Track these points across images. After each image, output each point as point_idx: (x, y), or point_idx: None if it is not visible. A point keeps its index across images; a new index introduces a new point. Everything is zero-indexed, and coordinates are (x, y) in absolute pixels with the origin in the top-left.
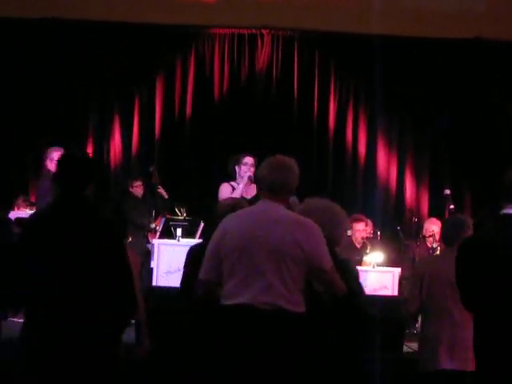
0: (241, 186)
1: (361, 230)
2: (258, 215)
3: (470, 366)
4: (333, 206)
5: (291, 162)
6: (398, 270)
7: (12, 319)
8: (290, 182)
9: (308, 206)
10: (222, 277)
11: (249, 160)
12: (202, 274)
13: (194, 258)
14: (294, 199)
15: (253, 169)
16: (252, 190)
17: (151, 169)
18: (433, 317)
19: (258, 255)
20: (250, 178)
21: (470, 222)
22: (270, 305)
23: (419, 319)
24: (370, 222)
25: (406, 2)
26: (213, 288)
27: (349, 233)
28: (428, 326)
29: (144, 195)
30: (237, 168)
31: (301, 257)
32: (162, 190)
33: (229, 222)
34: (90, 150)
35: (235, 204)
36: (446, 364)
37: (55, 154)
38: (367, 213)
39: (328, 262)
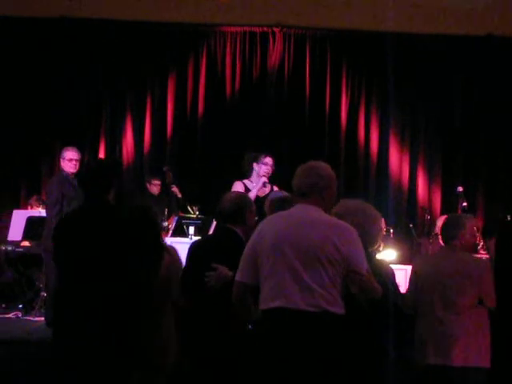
0: (254, 190)
1: None
2: (293, 218)
3: (455, 361)
4: (367, 206)
5: (320, 166)
6: (410, 268)
7: (25, 317)
8: (319, 185)
9: (343, 207)
10: (257, 279)
11: (269, 160)
12: (237, 276)
13: (193, 254)
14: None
15: (271, 170)
16: (264, 189)
17: (165, 168)
18: (422, 313)
19: (293, 258)
20: (264, 183)
21: (467, 220)
22: (314, 306)
23: None
24: (382, 220)
25: None
26: (248, 290)
27: None
28: (418, 322)
29: (160, 193)
30: (255, 166)
31: (338, 259)
32: (176, 190)
33: (265, 225)
34: (102, 148)
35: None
36: (432, 359)
37: (67, 154)
38: (380, 210)
39: (364, 265)
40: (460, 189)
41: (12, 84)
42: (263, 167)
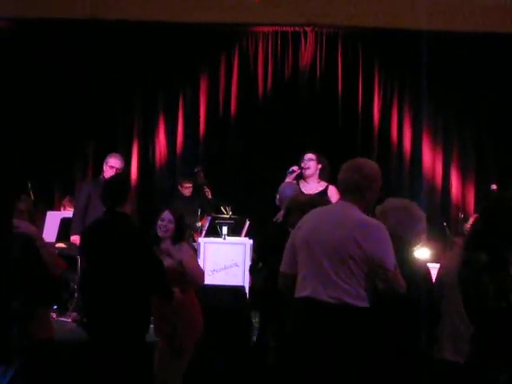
0: (286, 179)
1: None
2: (326, 215)
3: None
4: (411, 205)
5: (364, 164)
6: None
7: (60, 319)
8: (360, 184)
9: (387, 205)
10: (297, 269)
11: (305, 156)
12: (281, 267)
13: None
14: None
15: (309, 163)
16: (316, 187)
17: (197, 169)
18: (445, 310)
19: (319, 252)
20: (291, 170)
21: None
22: (334, 299)
23: None
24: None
25: None
26: (291, 280)
27: None
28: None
29: (192, 195)
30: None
31: (360, 255)
32: (208, 190)
33: (304, 220)
34: (135, 150)
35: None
36: (450, 355)
37: (110, 160)
38: None
39: (389, 261)
40: (494, 186)
41: (44, 86)
42: (301, 164)
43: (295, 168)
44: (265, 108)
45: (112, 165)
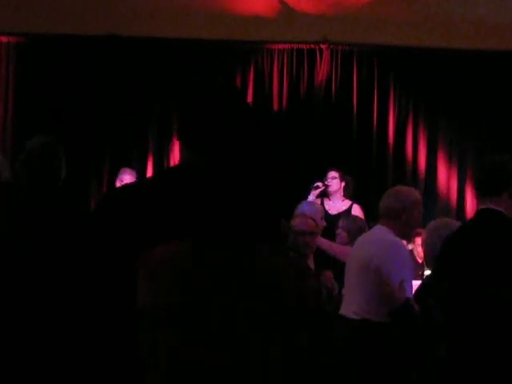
0: (310, 196)
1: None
2: (365, 238)
3: None
4: (451, 224)
5: (400, 190)
6: None
7: None
8: (395, 208)
9: (430, 224)
10: None
11: (329, 173)
12: None
13: None
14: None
15: (333, 181)
16: (340, 205)
17: None
18: None
19: (351, 272)
20: (316, 186)
21: None
22: (357, 314)
23: None
24: None
25: (467, 14)
26: None
27: (410, 247)
28: None
29: None
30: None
31: (373, 271)
32: None
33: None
34: (149, 166)
35: None
36: None
37: (123, 176)
38: None
39: (394, 277)
40: None
41: (57, 103)
42: (326, 182)
43: (320, 184)
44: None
45: (122, 179)
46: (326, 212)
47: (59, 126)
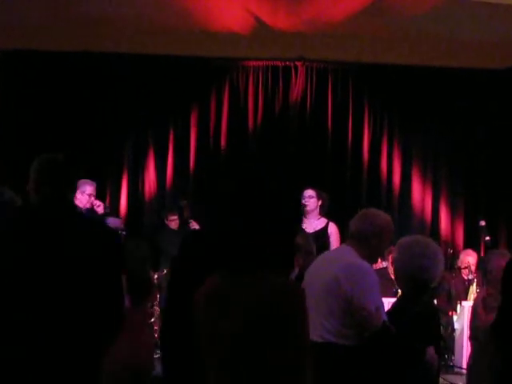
0: None
1: None
2: (325, 257)
3: None
4: (422, 241)
5: (373, 214)
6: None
7: None
8: (365, 231)
9: (401, 241)
10: None
11: (305, 192)
12: None
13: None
14: None
15: (310, 200)
16: (316, 224)
17: (183, 203)
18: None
19: (312, 293)
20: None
21: None
22: (320, 337)
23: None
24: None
25: (440, 32)
26: None
27: (384, 264)
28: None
29: (179, 228)
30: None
31: (341, 294)
32: (194, 224)
33: (313, 263)
34: (124, 184)
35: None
36: None
37: (84, 187)
38: None
39: (367, 301)
40: (482, 223)
41: (34, 118)
42: (303, 201)
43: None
44: (255, 141)
45: (87, 191)
46: (302, 230)
47: (34, 142)
